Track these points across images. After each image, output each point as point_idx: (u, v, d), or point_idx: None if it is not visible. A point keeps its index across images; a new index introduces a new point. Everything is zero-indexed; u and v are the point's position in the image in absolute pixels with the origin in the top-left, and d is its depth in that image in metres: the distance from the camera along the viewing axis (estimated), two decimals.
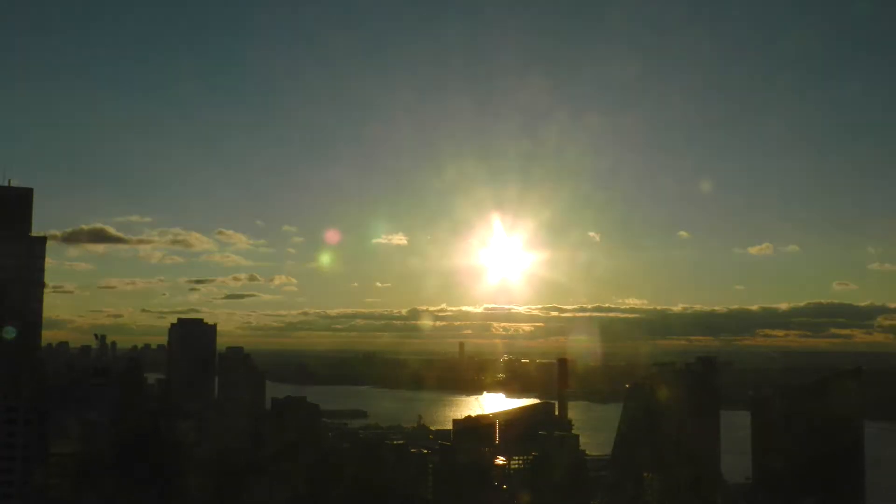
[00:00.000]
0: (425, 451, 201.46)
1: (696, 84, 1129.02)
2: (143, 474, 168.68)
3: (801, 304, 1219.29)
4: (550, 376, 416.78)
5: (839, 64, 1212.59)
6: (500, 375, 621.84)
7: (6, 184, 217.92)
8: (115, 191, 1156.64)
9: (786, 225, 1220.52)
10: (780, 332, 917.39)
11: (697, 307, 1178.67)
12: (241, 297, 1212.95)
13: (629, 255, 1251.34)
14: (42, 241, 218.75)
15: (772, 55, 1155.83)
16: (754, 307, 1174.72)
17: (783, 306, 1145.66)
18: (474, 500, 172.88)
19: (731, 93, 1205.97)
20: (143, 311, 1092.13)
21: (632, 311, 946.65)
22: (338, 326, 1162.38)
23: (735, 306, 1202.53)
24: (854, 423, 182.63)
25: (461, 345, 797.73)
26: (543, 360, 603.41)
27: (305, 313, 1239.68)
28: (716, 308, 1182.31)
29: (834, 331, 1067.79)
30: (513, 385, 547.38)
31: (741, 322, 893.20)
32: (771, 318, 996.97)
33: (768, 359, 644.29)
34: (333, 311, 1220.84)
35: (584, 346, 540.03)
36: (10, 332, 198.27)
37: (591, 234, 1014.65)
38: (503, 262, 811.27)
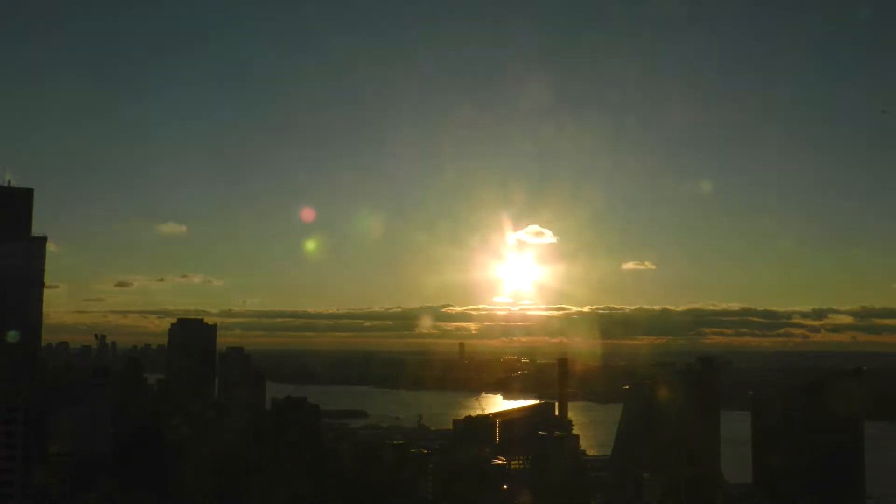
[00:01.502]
0: (425, 451, 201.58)
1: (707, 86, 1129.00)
2: (142, 474, 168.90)
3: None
4: (550, 376, 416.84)
5: (839, 64, 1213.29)
6: (500, 375, 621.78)
7: (6, 184, 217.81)
8: (115, 191, 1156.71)
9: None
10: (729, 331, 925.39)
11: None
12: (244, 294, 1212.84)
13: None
14: (42, 241, 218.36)
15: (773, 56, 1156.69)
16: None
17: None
18: (474, 500, 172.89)
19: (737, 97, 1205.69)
20: (145, 310, 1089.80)
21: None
22: (339, 325, 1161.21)
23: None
24: (854, 423, 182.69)
25: (461, 345, 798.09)
26: (543, 361, 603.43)
27: (305, 312, 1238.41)
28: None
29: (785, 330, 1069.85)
30: (513, 385, 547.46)
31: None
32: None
33: (769, 359, 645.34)
34: (334, 310, 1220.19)
35: (584, 345, 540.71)
36: (13, 337, 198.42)
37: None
38: (509, 263, 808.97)
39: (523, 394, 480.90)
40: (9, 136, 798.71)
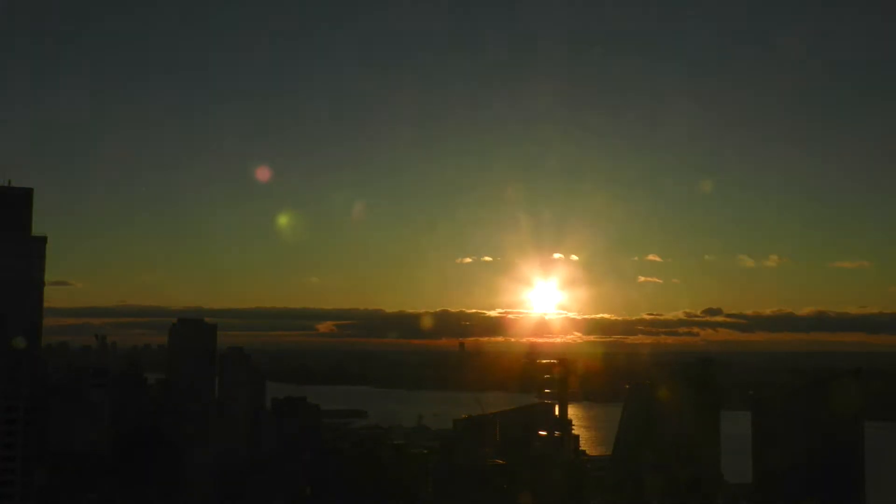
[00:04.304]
0: (425, 451, 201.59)
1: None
2: (142, 474, 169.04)
3: None
4: (551, 376, 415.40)
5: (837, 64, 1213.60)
6: (501, 375, 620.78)
7: (6, 184, 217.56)
8: (116, 190, 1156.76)
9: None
10: None
11: None
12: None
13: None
14: (42, 240, 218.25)
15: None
16: None
17: None
18: (474, 500, 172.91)
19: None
20: (145, 310, 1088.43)
21: None
22: (340, 325, 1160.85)
23: None
24: (854, 423, 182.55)
25: (461, 344, 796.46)
26: (544, 360, 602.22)
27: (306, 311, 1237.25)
28: None
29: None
30: (513, 385, 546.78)
31: None
32: None
33: (769, 359, 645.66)
34: (335, 309, 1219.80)
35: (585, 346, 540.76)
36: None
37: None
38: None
39: (523, 394, 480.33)
40: (9, 136, 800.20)
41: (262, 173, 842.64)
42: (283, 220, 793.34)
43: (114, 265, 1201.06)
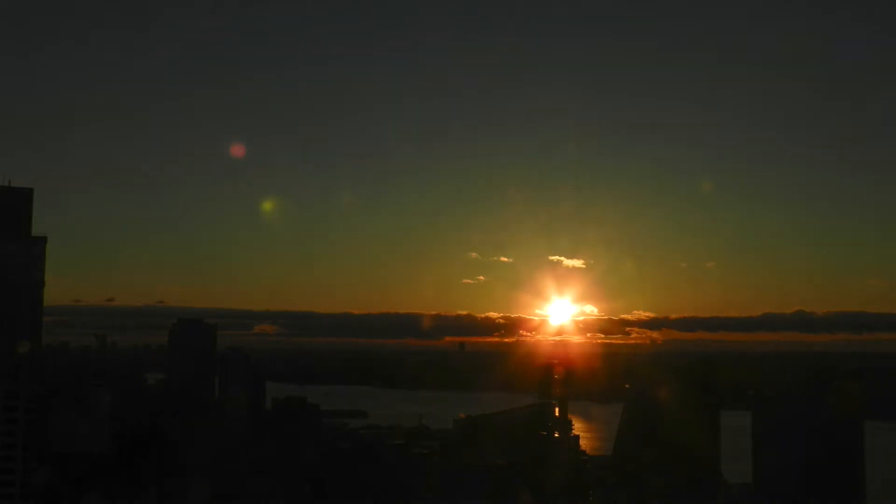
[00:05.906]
0: (425, 451, 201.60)
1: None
2: (143, 474, 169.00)
3: None
4: (550, 376, 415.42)
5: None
6: (501, 375, 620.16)
7: (6, 184, 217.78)
8: (116, 191, 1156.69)
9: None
10: None
11: None
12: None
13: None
14: (42, 241, 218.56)
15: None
16: None
17: None
18: (474, 500, 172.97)
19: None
20: (145, 310, 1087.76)
21: None
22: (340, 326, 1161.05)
23: None
24: (854, 423, 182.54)
25: (461, 344, 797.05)
26: (544, 361, 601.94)
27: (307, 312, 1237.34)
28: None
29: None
30: (513, 384, 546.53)
31: None
32: None
33: (769, 359, 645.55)
34: (336, 311, 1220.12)
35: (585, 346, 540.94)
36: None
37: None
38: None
39: (523, 394, 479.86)
40: (9, 136, 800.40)
41: (238, 150, 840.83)
42: (268, 205, 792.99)
43: (114, 265, 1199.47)
